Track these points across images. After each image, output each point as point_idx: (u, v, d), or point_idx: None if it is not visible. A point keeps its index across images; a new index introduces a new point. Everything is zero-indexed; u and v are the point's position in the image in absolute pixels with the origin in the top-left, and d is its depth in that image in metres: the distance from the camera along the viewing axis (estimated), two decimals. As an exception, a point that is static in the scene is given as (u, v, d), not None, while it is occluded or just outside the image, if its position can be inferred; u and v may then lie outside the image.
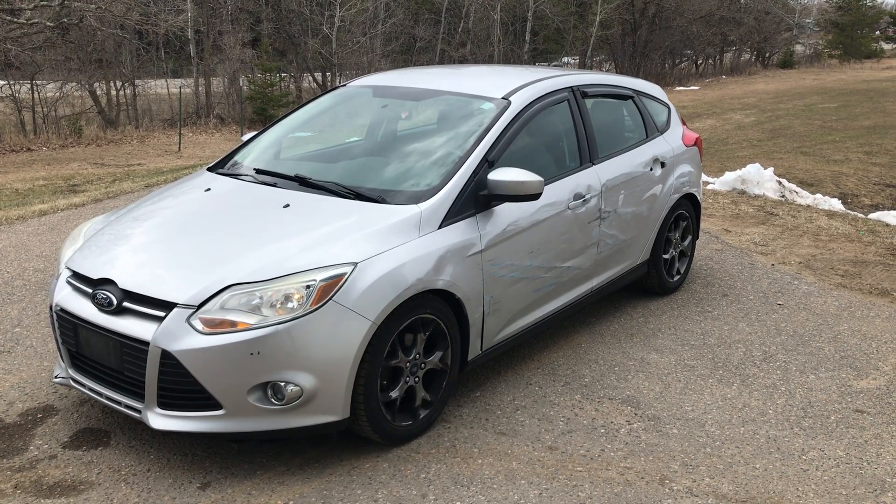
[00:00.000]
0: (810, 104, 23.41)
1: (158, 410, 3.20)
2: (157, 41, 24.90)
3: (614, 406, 3.96)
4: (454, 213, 3.68)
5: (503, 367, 4.35)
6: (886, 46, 56.32)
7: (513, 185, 3.71)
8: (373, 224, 3.49)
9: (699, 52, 42.08)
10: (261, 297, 3.14)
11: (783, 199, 9.35)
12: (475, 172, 3.81)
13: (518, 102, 4.26)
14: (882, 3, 58.70)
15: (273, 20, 25.92)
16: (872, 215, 9.17)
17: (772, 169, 9.95)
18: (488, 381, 4.18)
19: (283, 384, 3.14)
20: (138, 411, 3.26)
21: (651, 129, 5.34)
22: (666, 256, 5.45)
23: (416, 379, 3.55)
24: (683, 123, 5.79)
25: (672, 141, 5.46)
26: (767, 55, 47.41)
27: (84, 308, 3.40)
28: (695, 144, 5.71)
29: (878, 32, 57.63)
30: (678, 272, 5.62)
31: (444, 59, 30.43)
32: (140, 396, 3.24)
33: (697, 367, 4.42)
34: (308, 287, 3.15)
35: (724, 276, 5.97)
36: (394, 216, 3.55)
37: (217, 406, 3.14)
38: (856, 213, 9.41)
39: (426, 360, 3.58)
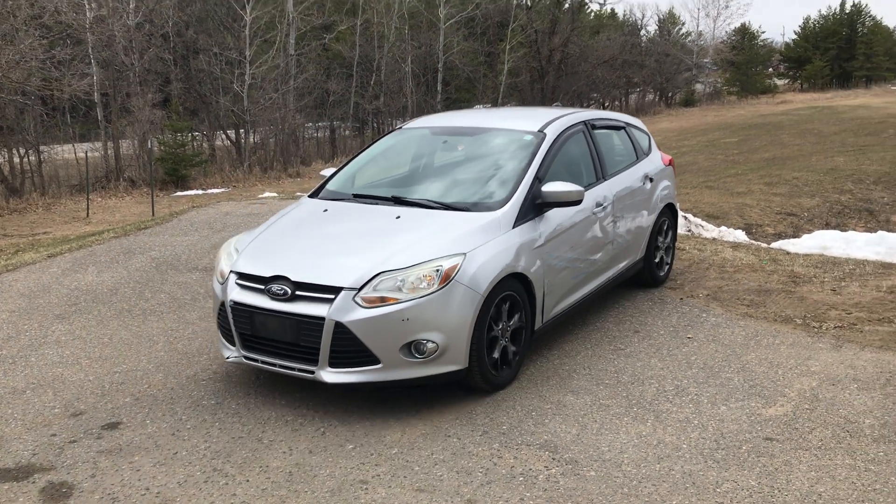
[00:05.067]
0: (713, 140, 24.41)
1: (329, 369, 4.23)
2: (62, 106, 24.29)
3: (532, 452, 3.95)
4: (521, 217, 4.84)
5: (420, 421, 4.29)
6: (779, 82, 59.48)
7: (562, 194, 4.92)
8: (468, 226, 4.64)
9: (605, 94, 43.59)
10: (402, 280, 4.21)
11: (690, 234, 9.64)
12: (531, 186, 4.99)
13: (551, 134, 5.48)
14: (772, 41, 62.19)
15: (182, 80, 25.63)
16: (774, 244, 9.54)
17: (678, 205, 10.26)
18: (405, 437, 4.12)
19: (423, 342, 4.21)
20: (311, 372, 4.26)
21: (640, 152, 6.67)
22: (658, 244, 6.70)
23: (507, 339, 4.66)
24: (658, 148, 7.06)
25: (655, 161, 6.81)
26: (670, 95, 49.43)
27: (257, 300, 4.40)
28: (670, 164, 7.07)
29: (770, 69, 60.88)
30: (664, 265, 6.87)
31: (359, 112, 30.62)
32: (313, 361, 4.24)
33: (612, 406, 4.46)
34: (437, 271, 4.25)
35: (635, 313, 6.09)
36: (482, 220, 4.71)
37: (376, 361, 4.19)
38: (759, 242, 9.78)
39: (509, 325, 4.67)
